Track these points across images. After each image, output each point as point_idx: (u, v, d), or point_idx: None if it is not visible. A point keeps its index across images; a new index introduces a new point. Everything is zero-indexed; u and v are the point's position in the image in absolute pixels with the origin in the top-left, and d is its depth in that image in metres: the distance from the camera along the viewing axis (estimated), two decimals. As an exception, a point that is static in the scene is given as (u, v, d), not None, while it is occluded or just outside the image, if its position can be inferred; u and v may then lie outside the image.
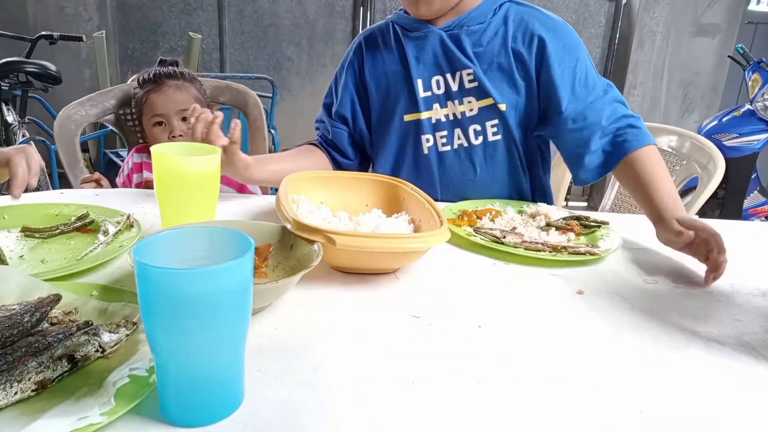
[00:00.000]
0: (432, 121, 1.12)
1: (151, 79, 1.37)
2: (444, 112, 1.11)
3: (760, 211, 3.17)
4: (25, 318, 0.51)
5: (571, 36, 1.10)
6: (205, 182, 0.83)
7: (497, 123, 1.11)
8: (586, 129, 1.06)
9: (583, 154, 1.08)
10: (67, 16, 3.65)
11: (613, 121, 1.06)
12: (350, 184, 0.94)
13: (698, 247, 0.84)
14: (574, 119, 1.07)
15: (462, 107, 1.10)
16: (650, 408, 0.51)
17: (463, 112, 1.10)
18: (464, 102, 1.10)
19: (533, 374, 0.55)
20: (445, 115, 1.12)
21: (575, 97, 1.07)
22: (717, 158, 1.33)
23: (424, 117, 1.12)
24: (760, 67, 3.06)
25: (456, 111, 1.11)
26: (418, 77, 1.11)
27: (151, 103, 1.34)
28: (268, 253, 0.73)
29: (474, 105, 1.09)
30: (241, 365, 0.48)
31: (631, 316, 0.70)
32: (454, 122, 1.12)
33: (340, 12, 3.96)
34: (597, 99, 1.07)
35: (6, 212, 0.85)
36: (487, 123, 1.11)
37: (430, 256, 0.81)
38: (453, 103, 1.10)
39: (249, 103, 1.49)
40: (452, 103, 1.10)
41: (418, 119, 1.12)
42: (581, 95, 1.07)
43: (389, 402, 0.49)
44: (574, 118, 1.07)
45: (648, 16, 3.99)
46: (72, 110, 1.40)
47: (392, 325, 0.63)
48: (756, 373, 0.59)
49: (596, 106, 1.06)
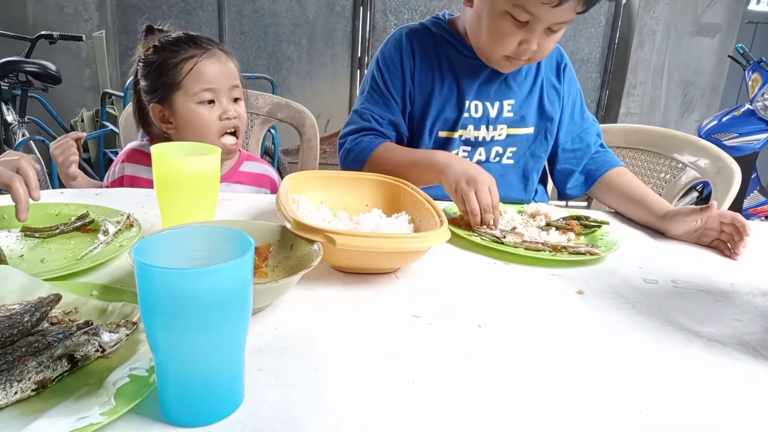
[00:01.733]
0: (461, 138, 1.17)
1: (195, 42, 1.09)
2: (475, 133, 1.16)
3: (760, 211, 3.17)
4: (25, 318, 0.51)
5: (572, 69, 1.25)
6: (205, 182, 0.83)
7: (516, 150, 1.19)
8: (581, 150, 1.22)
9: (573, 171, 1.23)
10: (67, 16, 3.65)
11: (596, 148, 1.23)
12: (350, 184, 0.94)
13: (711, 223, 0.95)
14: (573, 140, 1.23)
15: (494, 132, 1.17)
16: (650, 408, 0.51)
17: (493, 136, 1.17)
18: (497, 128, 1.17)
19: (533, 374, 0.55)
20: (475, 137, 1.16)
21: (573, 121, 1.23)
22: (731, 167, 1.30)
23: (456, 135, 1.16)
24: (760, 67, 3.06)
25: (487, 135, 1.17)
26: (465, 100, 1.14)
27: (200, 72, 1.07)
28: (268, 253, 0.73)
29: (504, 132, 1.18)
30: (241, 365, 0.48)
31: (631, 316, 0.70)
32: (481, 143, 1.17)
33: (340, 12, 3.96)
34: (589, 126, 1.24)
35: (6, 212, 0.85)
36: (508, 148, 1.19)
37: (430, 256, 0.81)
38: (487, 128, 1.16)
39: (306, 123, 1.56)
40: (486, 128, 1.16)
41: (451, 137, 1.16)
42: (578, 120, 1.23)
43: (389, 402, 0.49)
44: (573, 138, 1.23)
45: (648, 16, 3.99)
46: None
47: (392, 325, 0.63)
48: (756, 373, 0.59)
49: (589, 132, 1.23)
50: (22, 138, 2.65)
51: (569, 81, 1.22)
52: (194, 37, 1.11)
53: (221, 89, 1.09)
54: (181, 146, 0.86)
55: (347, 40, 4.03)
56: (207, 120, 1.09)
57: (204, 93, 1.08)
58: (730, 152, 1.38)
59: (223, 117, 1.10)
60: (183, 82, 1.08)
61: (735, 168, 1.30)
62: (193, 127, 1.11)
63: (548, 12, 0.96)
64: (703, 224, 0.97)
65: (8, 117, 2.81)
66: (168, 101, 1.11)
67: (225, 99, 1.10)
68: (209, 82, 1.08)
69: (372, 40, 4.04)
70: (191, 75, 1.07)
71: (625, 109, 4.20)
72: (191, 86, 1.08)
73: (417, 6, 4.01)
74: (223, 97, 1.10)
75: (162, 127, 1.14)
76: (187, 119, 1.10)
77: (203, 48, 1.09)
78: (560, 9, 0.95)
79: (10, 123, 2.80)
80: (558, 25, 1.01)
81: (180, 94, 1.09)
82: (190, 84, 1.08)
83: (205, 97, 1.08)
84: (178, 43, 1.09)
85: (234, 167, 1.25)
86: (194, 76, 1.07)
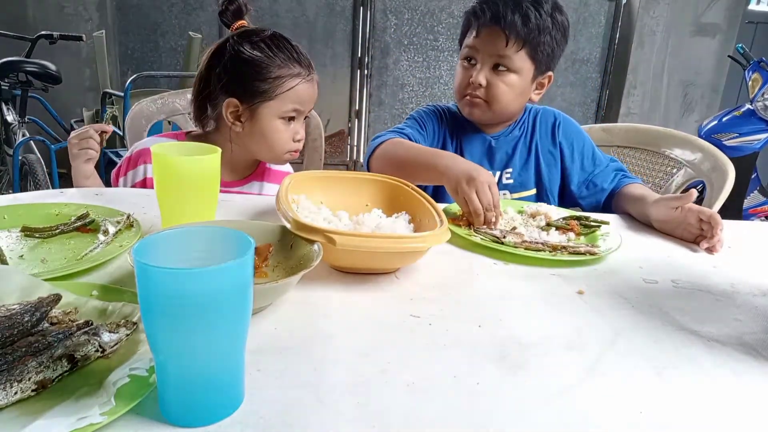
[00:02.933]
0: None
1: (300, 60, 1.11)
2: None
3: (760, 211, 3.17)
4: (25, 318, 0.51)
5: (574, 124, 1.34)
6: (205, 182, 0.83)
7: None
8: (595, 194, 1.28)
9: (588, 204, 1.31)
10: (67, 16, 3.65)
11: (612, 179, 1.27)
12: (350, 184, 0.94)
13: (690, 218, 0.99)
14: (587, 186, 1.29)
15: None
16: (650, 408, 0.51)
17: None
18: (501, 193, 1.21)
19: (533, 374, 0.55)
20: None
21: (584, 170, 1.29)
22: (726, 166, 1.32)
23: None
24: (760, 67, 3.06)
25: None
26: None
27: (298, 94, 1.09)
28: (268, 253, 0.73)
29: (508, 196, 1.28)
30: (241, 365, 0.48)
31: (631, 316, 0.70)
32: None
33: (340, 12, 3.96)
34: (602, 170, 1.29)
35: (6, 212, 0.85)
36: None
37: (430, 256, 0.81)
38: None
39: (311, 124, 1.58)
40: None
41: None
42: (589, 168, 1.29)
43: (389, 402, 0.49)
44: (587, 185, 1.29)
45: (648, 16, 3.99)
46: (144, 105, 1.44)
47: (392, 325, 0.63)
48: (756, 373, 0.59)
49: (601, 175, 1.28)
50: (22, 138, 2.65)
51: (567, 137, 1.31)
52: (300, 54, 1.12)
53: (305, 112, 1.13)
54: (181, 146, 0.86)
55: (347, 40, 4.03)
56: (282, 137, 1.12)
57: (292, 112, 1.11)
58: (730, 152, 1.40)
59: (295, 138, 1.14)
60: (279, 97, 1.08)
61: (729, 166, 1.32)
62: (266, 139, 1.12)
63: (479, 44, 1.18)
64: (684, 213, 0.99)
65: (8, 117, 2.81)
66: (253, 104, 1.09)
67: (301, 119, 1.13)
68: (301, 104, 1.10)
69: (372, 40, 4.04)
70: (290, 93, 1.08)
71: (625, 109, 4.20)
72: (285, 103, 1.09)
73: (417, 6, 4.01)
74: (301, 117, 1.13)
75: (230, 121, 1.12)
76: (264, 130, 1.11)
77: (307, 69, 1.11)
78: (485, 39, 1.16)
79: (10, 123, 2.80)
80: (499, 61, 1.17)
81: (270, 105, 1.09)
82: (285, 101, 1.09)
83: (290, 115, 1.11)
84: (285, 53, 1.09)
85: (262, 164, 1.26)
86: (292, 96, 1.08)
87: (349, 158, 4.34)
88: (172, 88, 3.31)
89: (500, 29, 1.14)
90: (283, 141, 1.13)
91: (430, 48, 4.12)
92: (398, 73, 4.15)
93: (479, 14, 1.18)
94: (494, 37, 1.16)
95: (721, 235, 0.95)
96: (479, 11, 1.18)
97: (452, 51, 4.14)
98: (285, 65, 1.09)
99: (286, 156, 1.17)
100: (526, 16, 1.13)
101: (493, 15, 1.15)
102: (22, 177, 2.60)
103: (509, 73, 1.18)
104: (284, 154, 1.17)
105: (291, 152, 1.17)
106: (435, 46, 4.12)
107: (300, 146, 1.18)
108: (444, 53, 4.15)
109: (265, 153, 1.17)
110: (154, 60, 3.99)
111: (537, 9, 1.14)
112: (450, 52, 4.14)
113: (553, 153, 1.30)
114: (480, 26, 1.17)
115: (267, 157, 1.20)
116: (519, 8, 1.14)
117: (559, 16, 1.18)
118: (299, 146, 1.17)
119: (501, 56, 1.17)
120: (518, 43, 1.15)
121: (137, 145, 1.20)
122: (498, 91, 1.19)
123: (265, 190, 1.25)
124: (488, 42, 1.17)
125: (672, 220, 1.02)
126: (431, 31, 4.08)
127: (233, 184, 1.21)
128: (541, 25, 1.15)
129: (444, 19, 4.06)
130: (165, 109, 1.47)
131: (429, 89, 4.23)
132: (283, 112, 1.09)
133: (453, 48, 4.13)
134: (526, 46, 1.16)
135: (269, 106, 1.09)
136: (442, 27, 4.08)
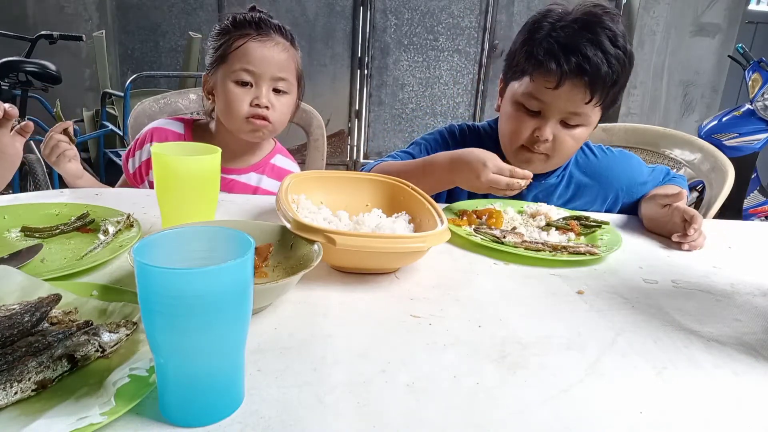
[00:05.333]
0: None
1: (256, 22, 1.08)
2: None
3: (760, 211, 3.17)
4: (25, 318, 0.51)
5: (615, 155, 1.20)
6: (205, 182, 0.83)
7: None
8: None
9: None
10: (67, 16, 3.66)
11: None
12: (350, 184, 0.94)
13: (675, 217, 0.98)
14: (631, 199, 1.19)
15: None
16: (650, 408, 0.51)
17: None
18: None
19: (533, 374, 0.55)
20: None
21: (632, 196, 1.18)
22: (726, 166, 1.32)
23: None
24: (760, 67, 3.06)
25: None
26: None
27: (246, 51, 1.05)
28: (268, 253, 0.73)
29: None
30: (241, 365, 0.48)
31: (631, 316, 0.70)
32: None
33: (340, 12, 3.96)
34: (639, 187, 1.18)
35: (6, 212, 0.85)
36: None
37: (430, 256, 0.81)
38: None
39: (313, 123, 1.59)
40: None
41: None
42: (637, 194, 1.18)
43: (389, 402, 0.49)
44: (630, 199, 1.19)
45: (648, 16, 3.99)
46: (147, 105, 1.45)
47: (392, 325, 0.63)
48: (756, 373, 0.59)
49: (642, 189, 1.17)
50: (22, 138, 2.65)
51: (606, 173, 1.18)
52: (263, 19, 1.09)
53: (262, 75, 1.06)
54: (181, 146, 0.86)
55: (347, 40, 4.03)
56: (237, 100, 1.07)
57: (242, 73, 1.06)
58: (730, 152, 1.40)
59: (254, 102, 1.08)
60: (229, 57, 1.06)
61: (729, 166, 1.32)
62: (224, 104, 1.10)
63: (554, 98, 0.99)
64: (671, 212, 1.00)
65: (8, 117, 2.80)
66: (214, 73, 1.10)
67: (265, 86, 1.07)
68: (251, 63, 1.05)
69: (372, 40, 4.04)
70: (237, 52, 1.05)
71: (626, 109, 4.20)
72: (233, 63, 1.06)
73: (417, 6, 4.01)
74: (263, 83, 1.07)
75: (206, 97, 1.15)
76: (220, 95, 1.09)
77: (262, 31, 1.07)
78: (563, 94, 0.98)
79: (10, 123, 2.79)
80: (570, 117, 1.01)
81: (223, 67, 1.08)
82: (233, 60, 1.06)
83: (242, 77, 1.06)
84: (244, 21, 1.07)
85: (266, 158, 1.25)
86: (239, 54, 1.05)
87: (349, 158, 4.34)
88: (172, 88, 3.31)
89: (584, 83, 0.96)
90: (237, 104, 1.08)
91: (430, 48, 4.13)
92: (398, 73, 4.16)
93: (559, 60, 0.95)
94: (575, 92, 0.97)
95: (695, 235, 0.95)
96: (558, 55, 0.95)
97: (452, 51, 4.15)
98: (236, 28, 1.07)
99: (248, 125, 1.11)
100: (611, 62, 0.95)
101: (578, 66, 0.94)
102: (22, 177, 2.61)
103: (578, 127, 1.03)
104: (244, 122, 1.11)
105: (252, 118, 1.10)
106: (435, 46, 4.12)
107: (265, 113, 1.10)
108: (444, 53, 4.15)
109: (228, 121, 1.13)
110: (154, 60, 3.99)
111: (616, 47, 0.97)
112: (450, 52, 4.15)
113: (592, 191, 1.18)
114: (561, 76, 0.96)
115: (232, 127, 1.14)
116: (605, 53, 0.95)
117: (630, 47, 1.01)
118: (262, 112, 1.09)
119: (576, 113, 1.00)
120: (602, 98, 0.99)
121: (148, 126, 1.23)
122: (564, 146, 1.04)
123: (263, 184, 1.23)
124: (567, 98, 0.98)
125: (660, 217, 1.02)
126: (431, 31, 4.08)
127: (231, 171, 1.21)
128: (619, 68, 0.97)
129: (444, 19, 4.06)
130: (167, 109, 1.48)
131: (429, 89, 4.24)
132: (233, 73, 1.06)
133: (453, 48, 4.14)
134: (606, 99, 1.00)
135: (222, 69, 1.08)
136: (442, 27, 4.08)
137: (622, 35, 0.98)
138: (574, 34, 0.96)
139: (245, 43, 1.06)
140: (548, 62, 0.96)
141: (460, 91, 4.26)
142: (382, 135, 4.32)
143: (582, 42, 0.95)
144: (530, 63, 1.00)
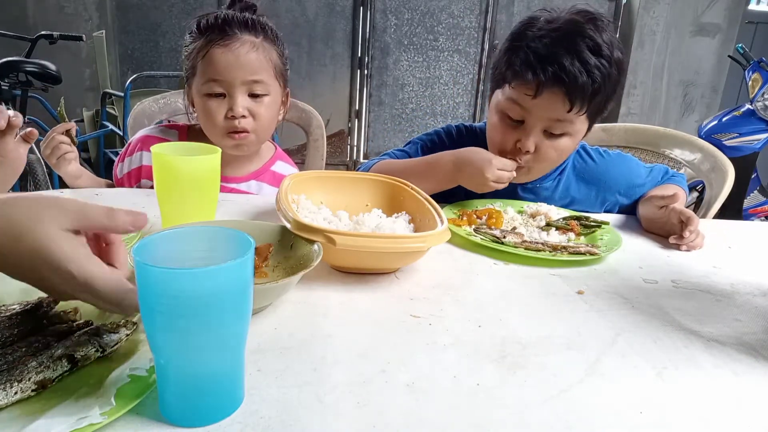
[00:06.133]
0: None
1: (218, 25, 0.97)
2: None
3: (760, 211, 3.17)
4: (25, 318, 0.51)
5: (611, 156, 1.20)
6: (205, 182, 0.83)
7: None
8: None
9: None
10: (67, 16, 3.66)
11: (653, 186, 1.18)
12: (350, 184, 0.94)
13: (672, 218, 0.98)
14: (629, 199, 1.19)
15: None
16: (650, 408, 0.51)
17: None
18: None
19: (533, 374, 0.55)
20: None
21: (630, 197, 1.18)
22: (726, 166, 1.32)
23: None
24: (760, 67, 3.06)
25: None
26: None
27: (211, 60, 0.96)
28: (268, 253, 0.73)
29: None
30: (241, 365, 0.48)
31: (631, 316, 0.70)
32: None
33: (340, 12, 3.96)
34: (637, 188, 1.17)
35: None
36: None
37: (430, 256, 0.81)
38: None
39: (313, 123, 1.59)
40: None
41: None
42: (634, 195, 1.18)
43: (389, 402, 0.49)
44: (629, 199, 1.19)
45: (648, 16, 3.99)
46: (147, 105, 1.45)
47: (392, 325, 0.63)
48: (756, 373, 0.59)
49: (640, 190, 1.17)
50: (22, 138, 2.65)
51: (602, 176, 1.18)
52: (226, 19, 0.98)
53: (232, 82, 0.98)
54: (181, 146, 0.86)
55: (347, 40, 4.03)
56: (212, 114, 1.00)
57: (211, 84, 0.98)
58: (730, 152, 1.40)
59: (229, 114, 1.00)
60: (197, 68, 0.98)
61: (729, 166, 1.32)
62: (202, 120, 1.04)
63: (534, 105, 0.97)
64: (668, 213, 1.00)
65: (8, 117, 2.80)
66: (189, 85, 1.03)
67: (239, 94, 0.98)
68: (218, 72, 0.97)
69: (372, 40, 4.04)
70: (203, 62, 0.97)
71: (626, 109, 4.20)
72: (201, 75, 0.98)
73: (417, 6, 4.01)
74: (235, 91, 0.98)
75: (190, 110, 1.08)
76: (198, 109, 1.03)
77: (225, 34, 0.97)
78: (542, 102, 0.96)
79: (10, 123, 2.79)
80: (554, 125, 0.99)
81: (195, 80, 1.01)
82: (201, 71, 0.98)
83: (212, 89, 0.98)
84: (207, 25, 0.99)
85: (266, 165, 1.21)
86: (205, 64, 0.97)
87: (349, 158, 4.34)
88: (171, 88, 3.31)
89: (563, 93, 0.94)
90: (212, 119, 1.00)
91: (430, 48, 4.12)
92: (398, 73, 4.15)
93: (536, 70, 0.94)
94: (554, 101, 0.95)
95: (692, 236, 0.96)
96: (535, 65, 0.94)
97: (452, 51, 4.15)
98: (201, 34, 0.98)
99: (229, 140, 1.05)
100: (591, 72, 0.93)
101: (555, 75, 0.93)
102: (22, 177, 2.61)
103: (562, 137, 1.01)
104: (223, 137, 1.04)
105: (231, 133, 1.03)
106: (435, 46, 4.12)
107: (243, 125, 1.01)
108: (444, 53, 4.15)
109: (209, 136, 1.06)
110: (154, 60, 3.99)
111: (599, 56, 0.94)
112: (450, 52, 4.15)
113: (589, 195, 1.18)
114: (538, 86, 0.94)
115: (214, 142, 1.06)
116: (584, 63, 0.93)
117: (619, 54, 0.99)
118: (238, 126, 1.01)
119: (558, 120, 0.98)
120: (582, 107, 0.96)
121: (139, 133, 1.19)
122: (547, 156, 1.02)
123: (263, 192, 1.19)
124: (546, 107, 0.96)
125: (657, 219, 1.03)
126: (431, 31, 4.08)
127: (231, 180, 1.17)
128: (605, 77, 0.95)
129: (444, 19, 4.06)
130: (167, 109, 1.48)
131: (429, 89, 4.24)
132: (202, 86, 0.98)
133: (453, 48, 4.14)
134: (591, 108, 0.98)
135: (194, 84, 1.01)
136: (442, 27, 4.08)
137: (607, 43, 0.96)
138: (552, 44, 0.94)
139: (208, 51, 0.97)
140: (525, 72, 0.95)
141: (460, 91, 4.26)
142: (382, 135, 4.32)
143: (559, 52, 0.93)
144: (510, 71, 0.99)
